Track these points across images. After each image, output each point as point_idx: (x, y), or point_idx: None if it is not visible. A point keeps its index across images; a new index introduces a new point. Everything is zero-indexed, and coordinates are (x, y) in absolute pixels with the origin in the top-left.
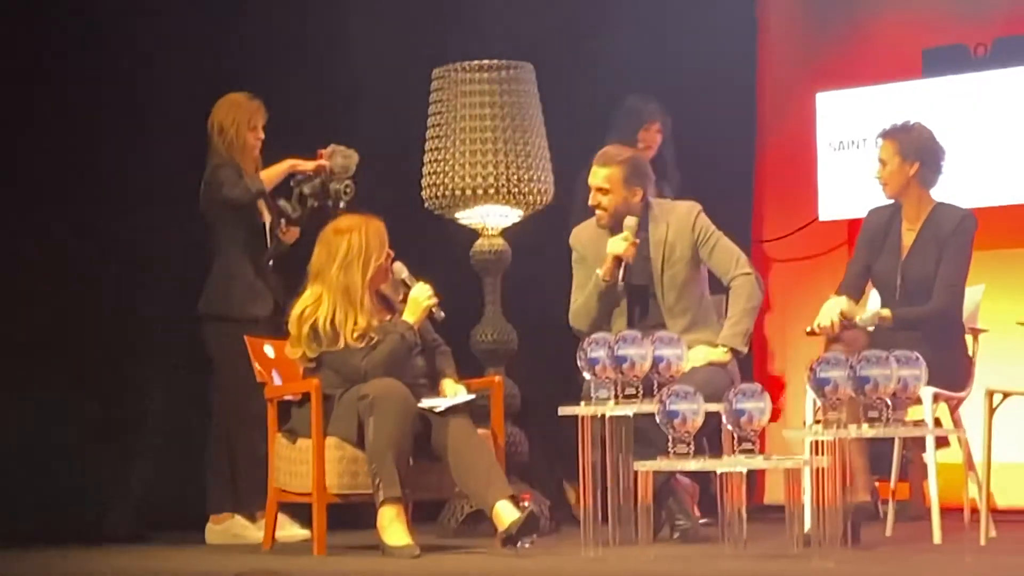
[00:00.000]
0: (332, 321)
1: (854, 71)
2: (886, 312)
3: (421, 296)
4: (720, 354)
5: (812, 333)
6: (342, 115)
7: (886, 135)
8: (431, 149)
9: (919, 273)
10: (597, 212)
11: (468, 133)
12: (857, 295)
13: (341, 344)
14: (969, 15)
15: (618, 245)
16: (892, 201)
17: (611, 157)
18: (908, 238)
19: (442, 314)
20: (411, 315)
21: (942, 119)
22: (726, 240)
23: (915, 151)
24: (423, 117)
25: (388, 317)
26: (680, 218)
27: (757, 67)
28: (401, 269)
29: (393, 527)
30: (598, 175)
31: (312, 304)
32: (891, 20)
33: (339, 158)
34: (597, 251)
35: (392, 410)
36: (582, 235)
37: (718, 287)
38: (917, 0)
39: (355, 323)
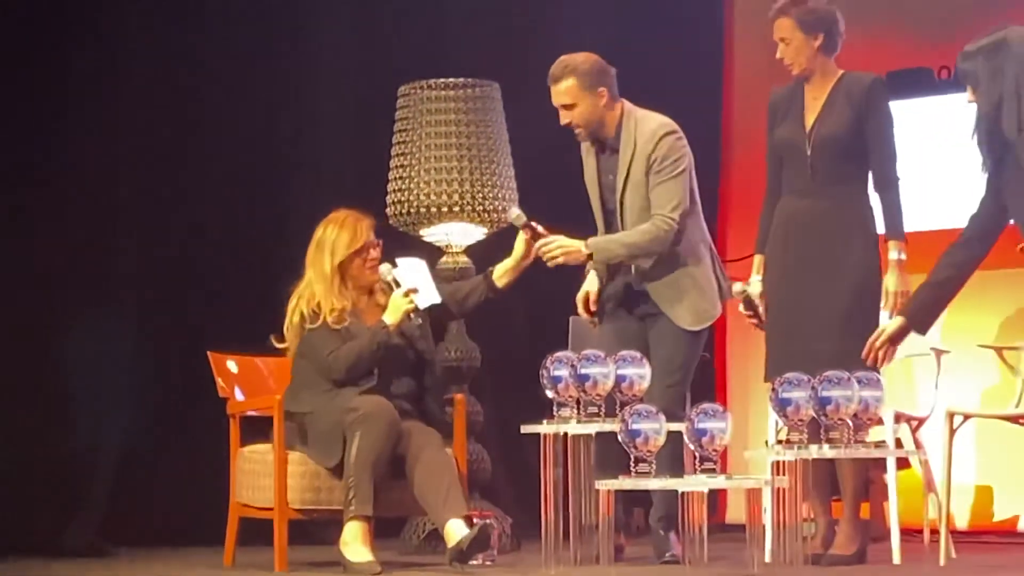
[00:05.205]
0: (312, 301)
1: None
2: None
3: (400, 298)
4: (577, 246)
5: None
6: (307, 132)
7: (780, 12)
8: (396, 166)
9: (830, 134)
10: (576, 132)
11: (433, 151)
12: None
13: (319, 322)
14: (933, 39)
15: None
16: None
17: (562, 69)
18: (814, 106)
19: (419, 320)
20: (390, 316)
21: (906, 141)
22: (679, 181)
23: (816, 22)
24: (389, 134)
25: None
26: (644, 137)
27: (723, 85)
28: (388, 271)
29: (356, 543)
30: (558, 93)
31: (302, 290)
32: (856, 43)
33: None
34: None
35: (379, 429)
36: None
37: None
38: (882, 23)
39: (331, 306)
